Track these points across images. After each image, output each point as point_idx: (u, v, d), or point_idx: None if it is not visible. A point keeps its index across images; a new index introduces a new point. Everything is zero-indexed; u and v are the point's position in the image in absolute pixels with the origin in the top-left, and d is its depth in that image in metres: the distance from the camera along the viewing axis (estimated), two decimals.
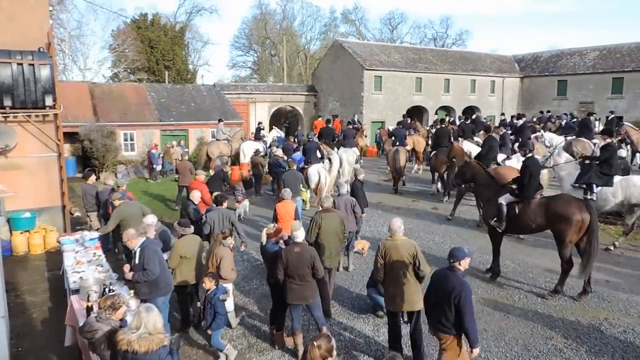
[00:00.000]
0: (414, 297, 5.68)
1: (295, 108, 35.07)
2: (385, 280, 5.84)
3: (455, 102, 34.87)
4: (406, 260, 5.65)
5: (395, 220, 5.95)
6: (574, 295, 7.74)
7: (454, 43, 61.66)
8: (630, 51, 32.67)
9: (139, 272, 6.02)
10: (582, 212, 7.38)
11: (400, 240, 5.78)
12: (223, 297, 6.18)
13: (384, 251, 5.75)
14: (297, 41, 58.04)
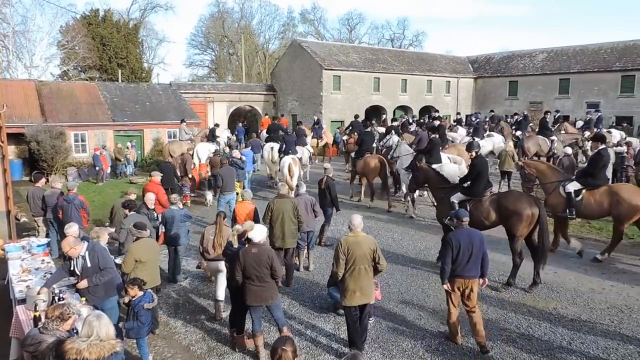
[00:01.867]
0: (370, 291, 6.00)
1: (254, 108, 34.76)
2: (345, 275, 5.93)
3: (413, 102, 35.56)
4: (367, 256, 5.85)
5: (356, 216, 6.08)
6: (525, 287, 8.04)
7: (411, 44, 62.95)
8: (575, 53, 34.34)
9: (95, 274, 5.79)
10: (532, 207, 7.71)
11: (361, 236, 5.95)
12: (148, 305, 5.82)
13: (346, 247, 5.86)
14: (256, 40, 57.56)
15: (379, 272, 6.07)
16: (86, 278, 5.84)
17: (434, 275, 8.75)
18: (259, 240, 6.16)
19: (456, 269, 6.06)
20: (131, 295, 5.83)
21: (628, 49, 31.68)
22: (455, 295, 6.18)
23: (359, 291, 5.89)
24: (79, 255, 5.88)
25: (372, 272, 5.96)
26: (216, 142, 18.20)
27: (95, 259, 5.84)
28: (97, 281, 5.81)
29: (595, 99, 31.34)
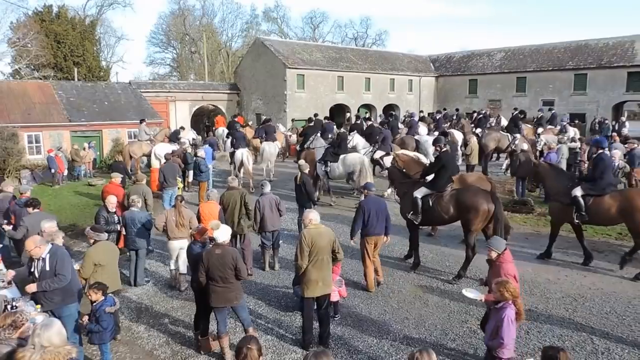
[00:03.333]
0: (330, 280, 6.30)
1: (217, 107, 34.29)
2: (308, 266, 6.07)
3: (376, 100, 35.96)
4: (328, 246, 6.15)
5: (312, 211, 6.49)
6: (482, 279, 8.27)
7: (374, 43, 63.60)
8: (531, 52, 35.57)
9: (48, 279, 5.57)
10: (488, 202, 7.95)
11: (322, 228, 6.24)
12: (109, 309, 5.65)
13: (310, 239, 6.05)
14: (218, 38, 56.81)
15: (338, 261, 6.45)
16: (37, 283, 5.61)
17: (398, 270, 8.92)
18: (223, 240, 6.10)
19: (369, 229, 7.74)
20: (93, 299, 5.63)
21: (580, 49, 33.08)
22: (369, 248, 7.80)
23: (321, 281, 6.11)
24: (40, 257, 5.64)
25: (331, 262, 6.26)
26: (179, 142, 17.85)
27: (54, 264, 5.63)
28: (46, 286, 5.54)
29: (550, 97, 32.58)
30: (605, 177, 8.60)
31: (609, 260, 9.20)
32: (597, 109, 29.73)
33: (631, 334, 6.46)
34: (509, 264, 5.37)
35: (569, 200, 8.66)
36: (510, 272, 5.24)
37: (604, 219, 8.67)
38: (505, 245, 5.57)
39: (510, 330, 4.66)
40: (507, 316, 4.63)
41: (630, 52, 30.43)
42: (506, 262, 5.36)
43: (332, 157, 13.89)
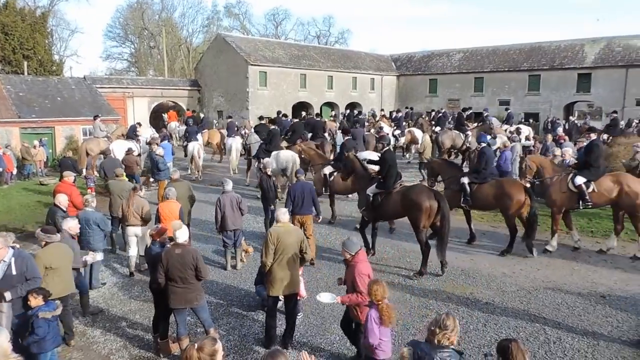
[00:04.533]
0: (297, 280, 6.27)
1: (177, 103, 33.58)
2: (273, 264, 6.04)
3: (339, 98, 36.15)
4: (295, 245, 6.11)
5: (281, 208, 6.51)
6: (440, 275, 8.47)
7: (337, 41, 63.91)
8: (488, 54, 36.66)
9: (19, 284, 5.28)
10: (430, 200, 8.15)
11: (290, 227, 6.27)
12: (43, 314, 5.23)
13: (276, 237, 6.04)
14: (179, 33, 55.62)
15: (305, 262, 6.43)
16: (6, 287, 5.30)
17: None
18: (184, 240, 5.97)
19: (295, 209, 8.69)
20: (32, 305, 5.27)
21: (534, 50, 34.37)
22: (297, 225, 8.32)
23: (286, 280, 6.07)
24: (1, 260, 5.33)
25: (298, 262, 6.21)
26: (136, 139, 17.36)
27: (23, 267, 5.35)
28: (21, 293, 5.29)
29: (507, 97, 33.71)
30: (487, 168, 9.79)
31: (560, 254, 9.59)
32: (550, 108, 31.01)
33: (580, 323, 6.76)
34: (363, 264, 5.37)
35: (458, 187, 9.73)
36: (364, 272, 5.26)
37: (484, 204, 9.82)
38: (360, 246, 5.56)
39: (373, 331, 4.64)
40: (369, 316, 4.68)
41: (580, 55, 31.88)
42: (360, 262, 5.35)
43: (265, 154, 14.26)
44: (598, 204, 9.57)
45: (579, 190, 9.20)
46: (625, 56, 29.86)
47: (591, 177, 9.22)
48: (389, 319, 4.66)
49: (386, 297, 4.75)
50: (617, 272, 8.63)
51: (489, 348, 6.11)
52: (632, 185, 9.03)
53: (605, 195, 9.20)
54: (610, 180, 9.25)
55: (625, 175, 9.61)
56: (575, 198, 9.32)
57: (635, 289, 7.73)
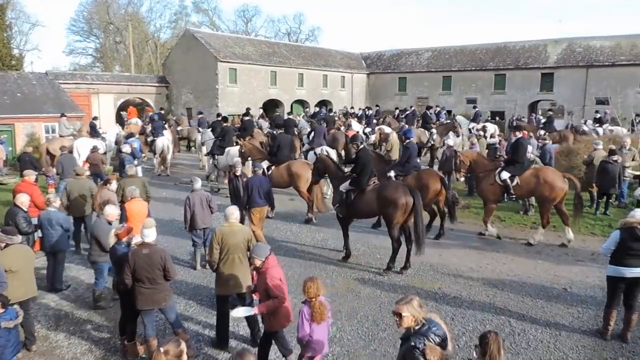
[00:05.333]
0: (245, 280, 6.19)
1: (145, 100, 32.84)
2: (219, 264, 6.11)
3: (310, 96, 36.13)
4: (242, 245, 6.16)
5: (230, 207, 6.47)
6: (402, 271, 8.57)
7: (307, 39, 63.74)
8: (456, 53, 37.32)
9: None
10: (406, 196, 8.26)
11: (236, 226, 6.28)
12: (6, 324, 5.07)
13: (221, 237, 6.10)
14: (146, 28, 54.31)
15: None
16: None
17: (331, 265, 9.03)
18: (152, 240, 5.85)
19: (252, 202, 9.19)
20: None
21: (500, 50, 35.21)
22: (254, 217, 9.27)
23: (232, 280, 6.11)
24: None
25: (247, 261, 6.21)
26: (101, 137, 16.90)
27: None
28: None
29: (474, 95, 34.42)
30: (411, 162, 10.58)
31: (525, 248, 9.89)
32: (515, 107, 31.84)
33: (543, 315, 6.99)
34: (274, 269, 5.27)
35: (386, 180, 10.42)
36: (276, 276, 5.19)
37: None
38: (269, 251, 5.43)
39: (303, 327, 4.70)
40: (301, 312, 4.76)
41: (543, 55, 32.85)
42: (271, 267, 5.25)
43: (218, 150, 14.86)
44: (521, 196, 10.75)
45: (504, 183, 10.05)
46: (585, 57, 30.95)
47: (515, 172, 10.08)
48: (321, 316, 4.72)
49: (320, 294, 4.80)
50: (578, 265, 8.96)
51: (456, 341, 6.25)
52: (548, 178, 9.86)
53: (524, 188, 10.10)
54: (531, 174, 10.10)
55: (543, 169, 10.53)
56: (502, 191, 10.20)
57: (595, 281, 8.04)
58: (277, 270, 5.32)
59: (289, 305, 5.28)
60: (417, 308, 3.75)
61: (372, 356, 5.97)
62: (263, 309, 5.17)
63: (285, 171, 11.76)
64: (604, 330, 6.34)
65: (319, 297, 4.80)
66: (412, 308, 3.75)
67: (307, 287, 4.78)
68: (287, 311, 5.33)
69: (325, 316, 4.81)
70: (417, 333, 3.71)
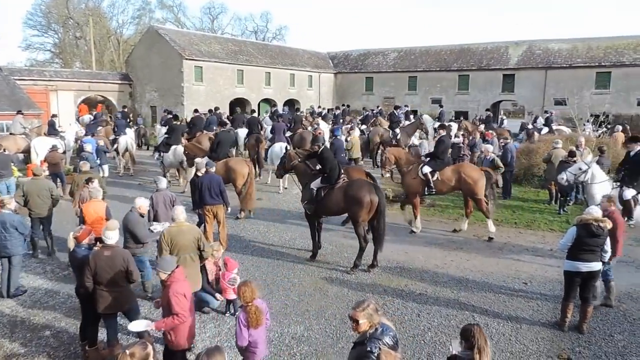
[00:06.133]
0: (197, 278, 6.38)
1: (107, 98, 31.93)
2: None
3: (277, 95, 35.98)
4: (192, 244, 6.23)
5: (177, 207, 6.57)
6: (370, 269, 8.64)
7: (274, 37, 63.49)
8: (421, 53, 37.96)
9: None
10: (371, 194, 8.36)
11: (185, 226, 6.33)
12: None
13: (169, 238, 6.15)
14: (107, 24, 52.79)
15: (204, 259, 6.57)
16: None
17: (299, 264, 9.02)
18: (114, 242, 5.70)
19: (206, 200, 9.12)
20: None
21: (463, 52, 36.03)
22: (209, 215, 9.19)
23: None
24: None
25: (198, 259, 6.33)
26: (59, 136, 16.31)
27: None
28: None
29: (438, 95, 35.10)
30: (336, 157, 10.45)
31: (487, 245, 10.16)
32: (478, 107, 32.64)
33: (505, 309, 7.19)
34: (179, 283, 4.96)
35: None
36: (179, 291, 4.89)
37: None
38: (176, 264, 5.20)
39: (242, 334, 4.63)
40: (238, 319, 4.69)
41: (505, 57, 33.83)
42: (176, 282, 4.94)
43: (165, 148, 15.26)
44: (442, 191, 11.04)
45: (425, 177, 10.63)
46: (544, 59, 32.06)
47: (436, 167, 10.68)
48: (257, 320, 4.65)
49: (256, 298, 4.72)
50: (538, 260, 9.27)
51: (422, 337, 6.36)
52: (468, 173, 10.50)
53: (447, 183, 10.65)
54: (451, 170, 10.72)
55: (464, 165, 11.25)
56: (424, 185, 10.69)
57: (553, 275, 8.33)
58: (182, 285, 4.99)
59: (192, 323, 5.01)
60: (373, 313, 3.77)
61: (340, 354, 5.99)
62: (161, 326, 4.86)
63: (222, 167, 11.80)
64: (561, 322, 6.59)
65: (255, 301, 4.71)
66: (368, 314, 3.76)
67: (242, 291, 4.68)
68: (190, 330, 5.02)
69: (262, 320, 4.73)
70: (372, 337, 3.71)
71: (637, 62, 28.75)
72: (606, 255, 6.42)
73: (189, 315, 4.93)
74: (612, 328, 6.61)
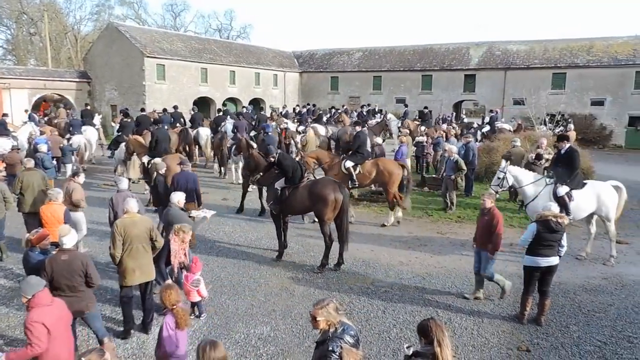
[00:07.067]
0: (151, 268, 6.45)
1: (64, 97, 30.78)
2: (123, 255, 6.16)
3: (242, 94, 35.63)
4: (144, 235, 6.29)
5: (130, 199, 6.59)
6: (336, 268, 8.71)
7: (239, 36, 62.88)
8: (385, 53, 38.40)
9: None
10: (335, 193, 8.43)
11: (137, 217, 6.38)
12: None
13: (122, 228, 6.16)
14: (64, 20, 50.88)
15: (157, 249, 6.59)
16: None
17: (265, 265, 8.97)
18: (71, 245, 5.50)
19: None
20: None
21: (426, 52, 36.68)
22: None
23: (138, 270, 6.22)
24: None
25: (150, 250, 6.41)
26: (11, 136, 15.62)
27: None
28: None
29: (403, 95, 35.59)
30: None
31: (450, 241, 10.39)
32: (441, 107, 33.32)
33: (468, 304, 7.38)
34: (40, 310, 4.41)
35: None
36: (37, 319, 4.32)
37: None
38: (41, 288, 4.55)
39: (170, 338, 4.56)
40: (164, 324, 4.61)
41: (466, 57, 34.66)
42: (37, 307, 4.41)
43: (115, 145, 15.86)
44: (364, 184, 11.89)
45: (348, 172, 11.34)
46: (504, 59, 33.03)
47: (357, 161, 11.44)
48: (185, 321, 4.65)
49: (180, 300, 4.73)
50: (498, 256, 9.43)
51: (387, 333, 6.44)
52: (385, 166, 11.36)
53: (367, 176, 11.44)
54: (371, 164, 11.55)
55: (381, 159, 12.12)
56: (348, 179, 11.34)
57: (513, 270, 8.60)
58: (42, 312, 4.40)
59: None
60: (332, 312, 3.78)
61: (306, 353, 5.99)
62: (12, 357, 4.36)
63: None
64: (521, 315, 6.82)
65: (180, 303, 4.71)
66: (327, 312, 3.77)
67: (166, 295, 4.64)
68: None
69: (188, 321, 4.73)
70: (333, 337, 3.73)
71: (590, 64, 30.04)
72: (562, 250, 6.68)
73: (45, 344, 4.32)
74: (568, 320, 6.89)
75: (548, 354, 6.01)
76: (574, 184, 9.01)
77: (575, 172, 9.07)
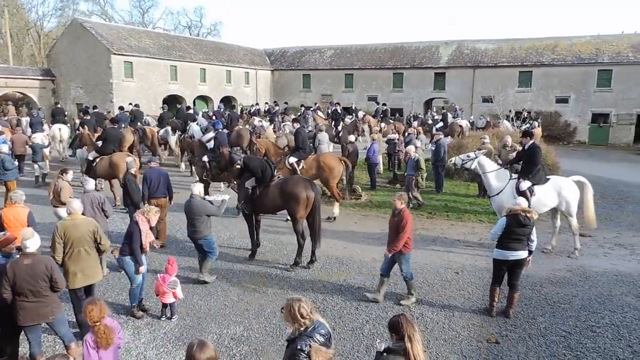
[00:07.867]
0: (95, 271, 6.28)
1: (27, 95, 29.76)
2: (64, 259, 6.06)
3: (213, 92, 35.22)
4: (87, 237, 6.12)
5: (74, 200, 6.48)
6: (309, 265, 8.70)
7: (209, 33, 62.06)
8: (357, 51, 38.59)
9: None
10: (307, 190, 8.44)
11: (79, 219, 6.21)
12: None
13: (63, 231, 6.03)
14: (26, 16, 49.18)
15: (102, 252, 6.43)
16: None
17: (238, 264, 8.90)
18: (34, 249, 5.31)
19: (152, 194, 9.28)
20: None
21: (397, 50, 37.05)
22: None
23: (80, 273, 6.09)
24: None
25: (95, 253, 6.24)
26: None
27: None
28: None
29: (374, 93, 35.89)
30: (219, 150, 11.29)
31: (422, 237, 10.53)
32: (412, 104, 33.75)
33: (439, 298, 7.50)
34: None
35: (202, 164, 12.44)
36: None
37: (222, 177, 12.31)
38: None
39: (90, 357, 4.35)
40: (85, 342, 4.39)
41: (436, 56, 35.18)
42: None
43: (77, 143, 15.58)
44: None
45: (292, 167, 11.69)
46: (472, 58, 33.69)
47: (300, 156, 11.92)
48: (107, 340, 4.36)
49: (105, 316, 4.43)
50: (468, 251, 9.74)
51: (360, 330, 6.49)
52: (326, 161, 11.89)
53: (310, 172, 11.74)
54: (313, 159, 12.07)
55: (323, 155, 12.70)
56: (292, 174, 11.28)
57: (482, 264, 8.79)
58: None
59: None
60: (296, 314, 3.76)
61: (280, 352, 5.95)
62: None
63: (107, 162, 12.57)
64: (490, 308, 6.97)
65: (104, 320, 4.41)
66: (293, 315, 3.75)
67: (89, 310, 4.31)
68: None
69: (113, 340, 4.43)
70: (302, 335, 3.71)
71: (554, 63, 30.95)
72: (533, 244, 6.84)
73: None
74: (535, 311, 7.08)
75: (516, 345, 6.16)
76: (536, 179, 9.26)
77: (536, 168, 9.32)
